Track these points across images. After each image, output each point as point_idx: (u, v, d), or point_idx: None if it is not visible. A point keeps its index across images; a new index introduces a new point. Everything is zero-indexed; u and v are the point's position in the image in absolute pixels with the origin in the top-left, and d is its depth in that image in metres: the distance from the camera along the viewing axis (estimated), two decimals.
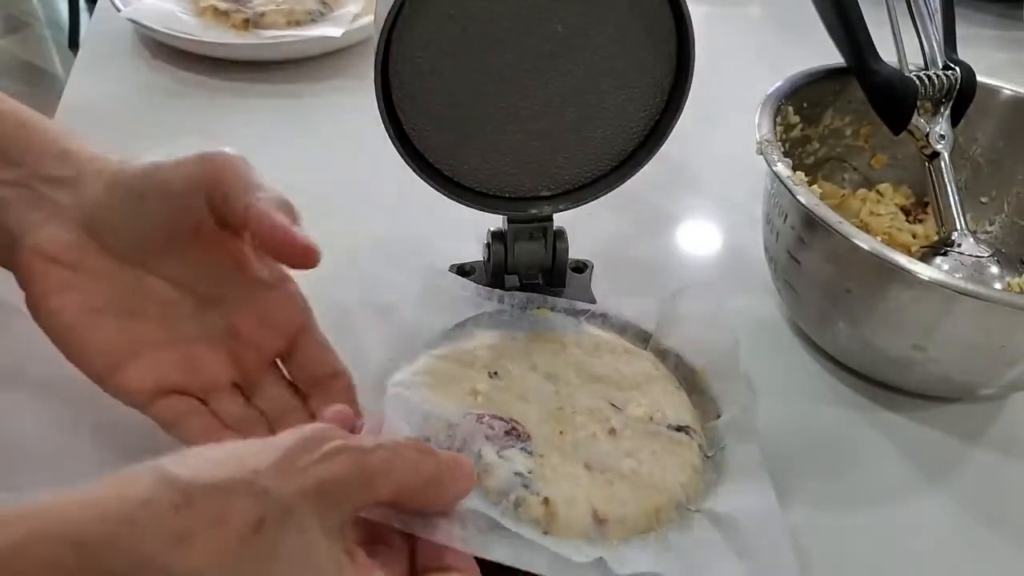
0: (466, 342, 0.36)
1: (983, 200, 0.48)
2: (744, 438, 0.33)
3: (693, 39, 0.36)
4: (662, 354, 0.37)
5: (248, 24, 0.64)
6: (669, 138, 0.39)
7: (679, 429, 0.33)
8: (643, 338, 0.38)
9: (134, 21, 0.63)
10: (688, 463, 0.32)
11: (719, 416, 0.35)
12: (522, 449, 0.31)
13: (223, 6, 0.65)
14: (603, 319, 0.39)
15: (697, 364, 0.36)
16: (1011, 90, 0.46)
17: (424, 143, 0.37)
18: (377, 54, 0.34)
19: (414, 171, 0.37)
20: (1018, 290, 0.42)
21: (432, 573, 0.26)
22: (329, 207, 0.33)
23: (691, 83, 0.38)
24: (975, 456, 0.39)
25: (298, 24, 0.65)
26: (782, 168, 0.38)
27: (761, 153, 0.40)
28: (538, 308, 0.39)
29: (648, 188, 0.53)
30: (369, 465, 0.24)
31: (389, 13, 0.33)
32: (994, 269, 0.42)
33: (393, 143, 0.36)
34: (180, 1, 0.66)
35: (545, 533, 0.29)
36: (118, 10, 0.64)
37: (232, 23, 0.65)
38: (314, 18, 0.66)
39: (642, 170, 0.40)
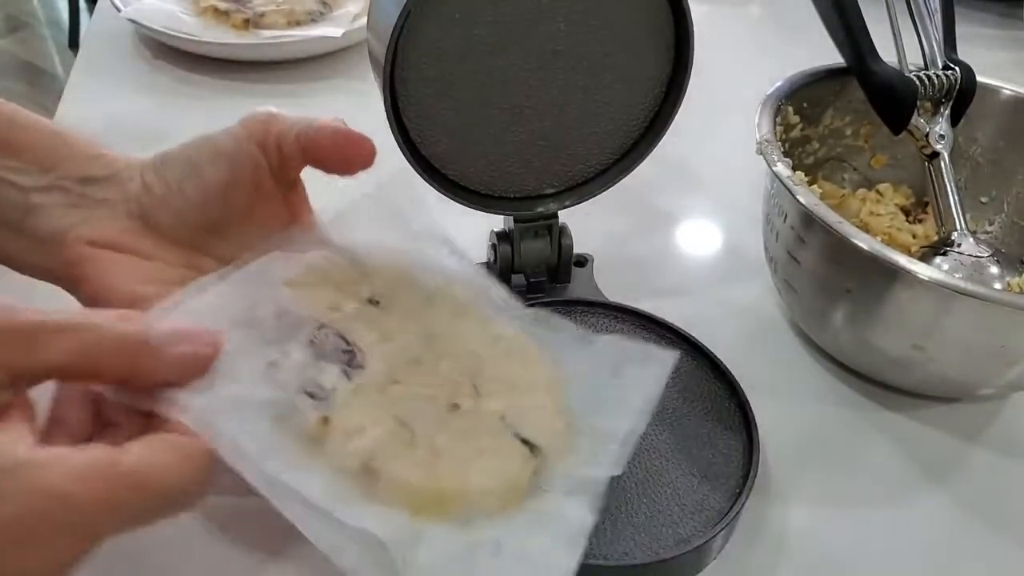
0: (373, 259, 0.33)
1: (983, 200, 0.48)
2: (591, 504, 0.28)
3: (692, 28, 0.37)
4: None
5: (248, 24, 0.64)
6: (669, 138, 0.40)
7: (525, 443, 0.29)
8: (558, 362, 0.34)
9: (134, 21, 0.63)
10: (509, 478, 0.28)
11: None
12: (343, 372, 0.28)
13: (223, 6, 0.65)
14: (526, 322, 0.34)
15: (589, 414, 0.32)
16: (1011, 90, 0.46)
17: (430, 149, 0.38)
18: (385, 64, 0.34)
19: (423, 178, 0.37)
20: (1018, 290, 0.42)
21: (139, 436, 0.24)
22: (328, 208, 0.33)
23: (690, 73, 0.38)
24: (975, 456, 0.39)
25: (298, 24, 0.65)
26: (782, 168, 0.38)
27: (761, 153, 0.40)
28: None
29: (648, 188, 0.53)
30: (23, 321, 0.23)
31: (396, 23, 0.33)
32: (994, 269, 0.42)
33: (403, 152, 0.36)
34: (180, 1, 0.66)
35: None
36: (118, 10, 0.64)
37: (232, 23, 0.65)
38: (314, 18, 0.66)
39: (642, 170, 0.41)
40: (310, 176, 0.33)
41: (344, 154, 0.32)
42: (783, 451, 0.37)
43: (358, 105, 0.32)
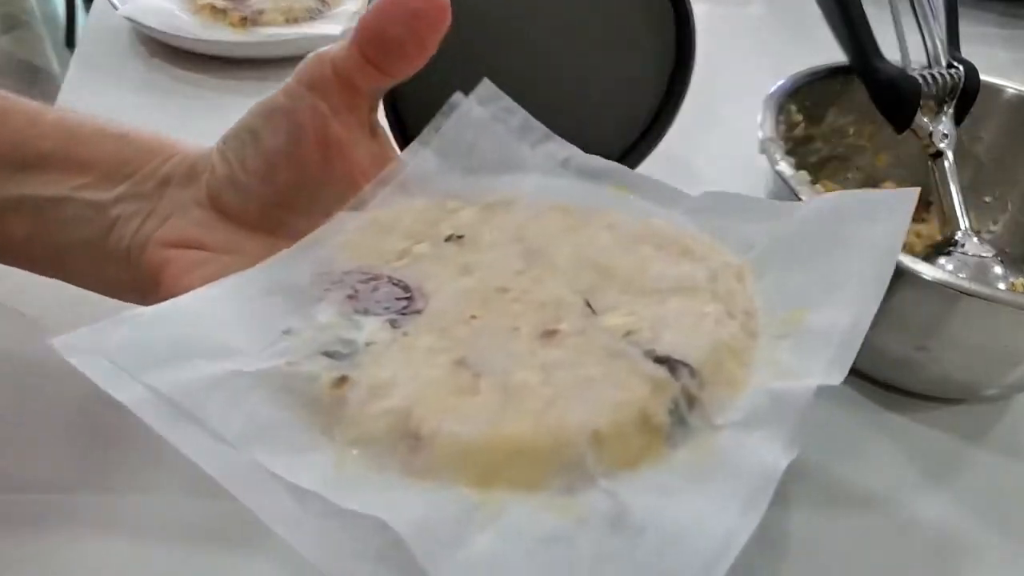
0: (462, 195, 0.27)
1: (987, 199, 0.47)
2: (787, 435, 0.20)
3: (693, 27, 0.36)
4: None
5: (246, 22, 0.64)
6: (670, 137, 0.39)
7: (661, 361, 0.21)
8: (747, 249, 0.26)
9: (131, 19, 0.63)
10: (635, 407, 0.20)
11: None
12: (389, 320, 0.23)
13: (221, 4, 0.65)
14: (698, 214, 0.26)
15: (790, 309, 0.23)
16: (1015, 89, 0.46)
17: None
18: None
19: None
20: (1022, 290, 0.42)
21: None
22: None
23: (692, 71, 0.37)
24: (978, 457, 0.39)
25: (296, 22, 0.65)
26: (784, 167, 0.38)
27: (763, 152, 0.39)
28: (615, 186, 0.28)
29: None
30: None
31: None
32: (998, 269, 0.42)
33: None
34: None
35: (323, 434, 0.20)
36: (115, 8, 0.64)
37: (230, 21, 0.64)
38: (312, 16, 0.66)
39: (642, 170, 0.40)
40: None
41: (408, 9, 0.27)
42: None
43: None
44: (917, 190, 0.24)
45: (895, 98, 0.42)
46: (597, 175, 0.28)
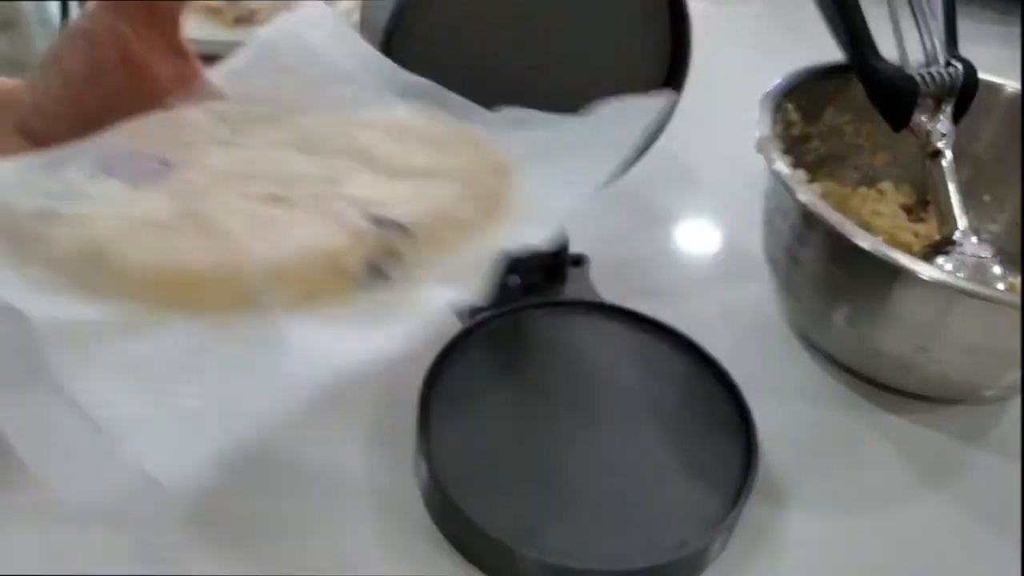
0: (259, 103, 0.28)
1: (985, 198, 0.47)
2: (470, 286, 0.21)
3: (689, 24, 0.36)
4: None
5: (240, 22, 0.64)
6: (668, 136, 0.39)
7: (380, 223, 0.22)
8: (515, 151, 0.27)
9: None
10: (327, 253, 0.21)
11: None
12: (130, 182, 0.23)
13: (215, 4, 0.64)
14: (489, 124, 0.28)
15: (532, 201, 0.25)
16: (1013, 87, 0.45)
17: None
18: None
19: None
20: (1021, 290, 0.42)
21: None
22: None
23: (688, 69, 0.37)
24: (977, 458, 0.39)
25: None
26: (781, 166, 0.38)
27: (760, 151, 0.39)
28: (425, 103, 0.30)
29: (646, 186, 0.53)
30: None
31: (389, 22, 0.32)
32: (996, 269, 0.42)
33: None
34: None
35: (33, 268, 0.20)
36: None
37: (223, 20, 0.64)
38: None
39: (640, 169, 0.40)
40: None
41: None
42: (782, 453, 0.37)
43: None
44: (672, 95, 0.26)
45: (892, 97, 0.42)
46: (415, 94, 0.29)
